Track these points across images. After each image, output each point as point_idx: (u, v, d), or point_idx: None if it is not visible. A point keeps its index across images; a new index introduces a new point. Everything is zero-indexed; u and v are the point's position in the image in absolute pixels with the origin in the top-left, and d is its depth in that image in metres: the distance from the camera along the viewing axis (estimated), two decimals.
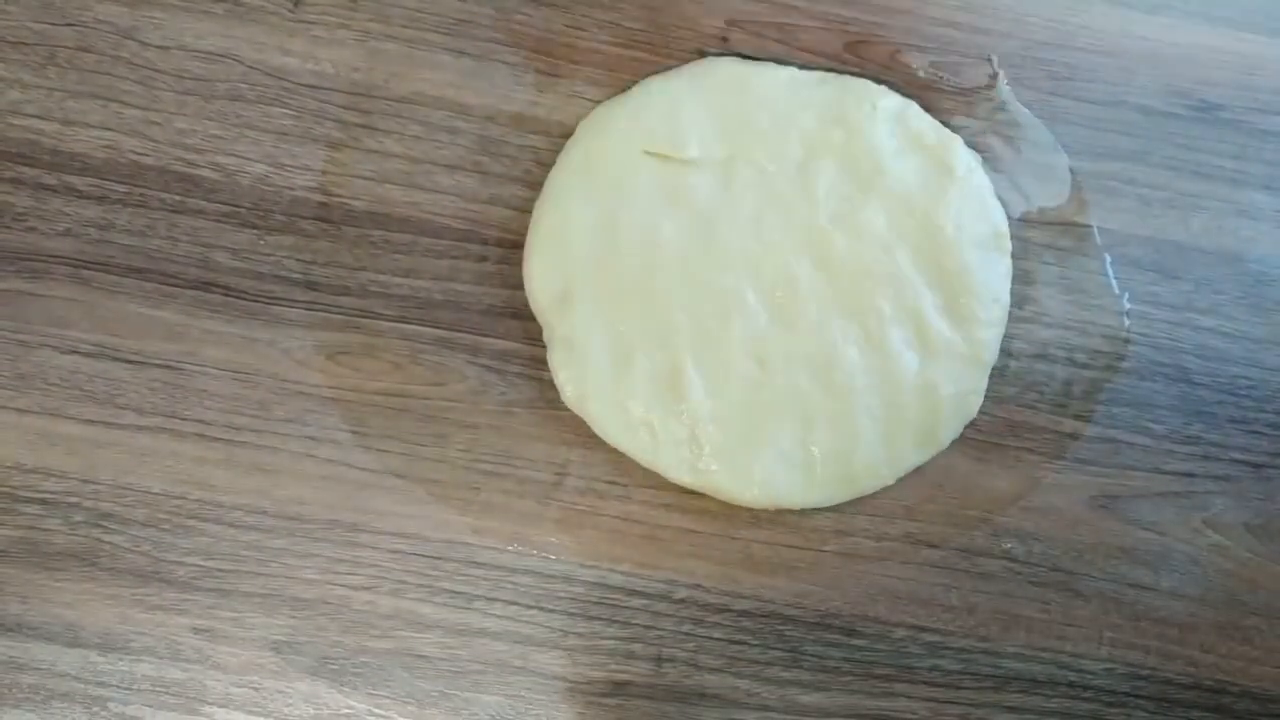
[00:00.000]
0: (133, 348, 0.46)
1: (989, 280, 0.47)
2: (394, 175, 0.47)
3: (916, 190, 0.47)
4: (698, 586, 0.45)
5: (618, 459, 0.45)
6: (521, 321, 0.47)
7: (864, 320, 0.46)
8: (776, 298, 0.46)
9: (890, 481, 0.46)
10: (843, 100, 0.48)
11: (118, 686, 0.44)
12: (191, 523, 0.45)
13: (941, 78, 0.49)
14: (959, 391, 0.46)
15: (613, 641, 0.45)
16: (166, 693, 0.44)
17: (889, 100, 0.48)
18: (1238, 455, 0.47)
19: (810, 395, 0.45)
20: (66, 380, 0.45)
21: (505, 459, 0.45)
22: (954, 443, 0.46)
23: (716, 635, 0.45)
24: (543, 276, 0.46)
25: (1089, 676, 0.45)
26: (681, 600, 0.45)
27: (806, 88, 0.48)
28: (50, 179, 0.46)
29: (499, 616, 0.45)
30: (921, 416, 0.45)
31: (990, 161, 0.49)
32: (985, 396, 0.46)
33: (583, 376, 0.45)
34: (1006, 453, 0.46)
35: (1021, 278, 0.47)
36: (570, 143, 0.47)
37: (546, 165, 0.48)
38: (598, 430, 0.45)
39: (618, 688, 0.45)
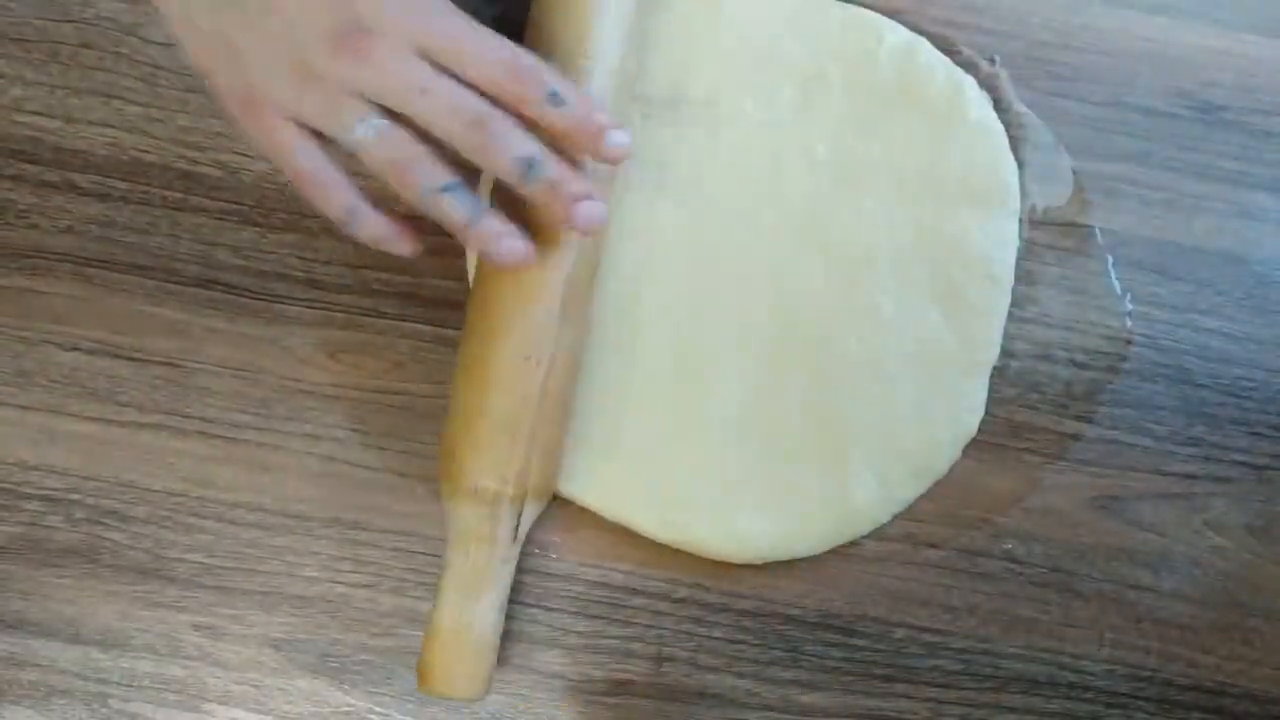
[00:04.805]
0: (134, 345, 0.46)
1: (990, 252, 0.46)
2: None
3: (923, 142, 0.46)
4: (698, 586, 0.45)
5: None
6: None
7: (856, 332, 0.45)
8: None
9: (885, 520, 0.45)
10: (844, 34, 0.46)
11: (118, 683, 0.44)
12: (192, 520, 0.45)
13: None
14: (954, 412, 0.45)
15: (613, 641, 0.45)
16: (167, 690, 0.44)
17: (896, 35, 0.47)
18: (1239, 457, 0.47)
19: (800, 435, 0.44)
20: (68, 377, 0.45)
21: None
22: None
23: (717, 635, 0.45)
24: None
25: (1089, 678, 0.45)
26: (682, 600, 0.45)
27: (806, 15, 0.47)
28: (52, 176, 0.46)
29: None
30: (919, 446, 0.45)
31: None
32: (986, 395, 0.46)
33: None
34: (1007, 453, 0.46)
35: (1023, 278, 0.47)
36: None
37: None
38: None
39: (618, 687, 0.45)
